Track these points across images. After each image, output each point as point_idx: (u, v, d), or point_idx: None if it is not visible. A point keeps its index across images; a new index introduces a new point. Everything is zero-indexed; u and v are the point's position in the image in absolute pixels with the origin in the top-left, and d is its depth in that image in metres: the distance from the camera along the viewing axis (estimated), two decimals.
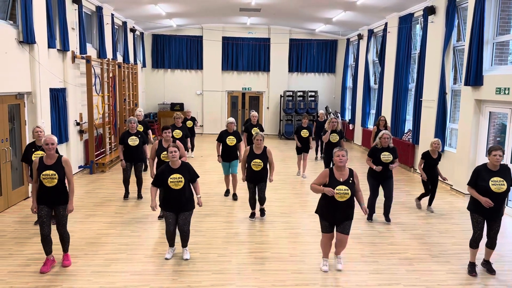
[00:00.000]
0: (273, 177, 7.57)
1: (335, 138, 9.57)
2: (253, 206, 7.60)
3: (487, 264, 5.67)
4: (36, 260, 5.66)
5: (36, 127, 6.72)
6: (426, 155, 7.99)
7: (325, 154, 9.94)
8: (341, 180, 5.22)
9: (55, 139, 5.36)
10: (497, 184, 5.26)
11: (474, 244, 5.58)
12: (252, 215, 7.62)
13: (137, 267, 5.58)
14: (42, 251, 5.53)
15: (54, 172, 5.25)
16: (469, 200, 5.62)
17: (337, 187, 5.15)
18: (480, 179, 5.36)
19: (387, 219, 7.52)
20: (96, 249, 6.13)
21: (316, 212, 5.56)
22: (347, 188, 5.18)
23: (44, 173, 5.23)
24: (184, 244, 5.84)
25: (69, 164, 5.44)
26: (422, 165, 8.03)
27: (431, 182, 8.09)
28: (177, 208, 5.59)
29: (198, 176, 5.75)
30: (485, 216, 5.43)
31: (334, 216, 5.30)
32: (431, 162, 7.97)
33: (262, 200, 7.57)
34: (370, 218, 7.59)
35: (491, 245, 5.55)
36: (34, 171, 5.34)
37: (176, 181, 5.44)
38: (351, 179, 5.28)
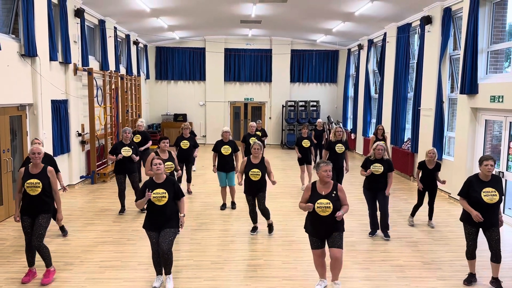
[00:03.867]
0: (273, 186, 7.27)
1: (340, 148, 9.25)
2: (254, 220, 7.35)
3: (496, 283, 5.32)
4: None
5: (35, 139, 6.81)
6: (422, 165, 7.67)
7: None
8: (323, 193, 5.03)
9: (42, 149, 5.45)
10: (489, 195, 5.16)
11: (469, 255, 5.48)
12: (254, 229, 7.36)
13: (130, 274, 5.67)
14: (40, 258, 5.53)
15: (38, 181, 5.29)
16: (462, 211, 5.53)
17: (318, 201, 4.96)
18: (471, 190, 5.26)
19: (386, 235, 7.16)
20: (92, 257, 6.24)
21: (304, 227, 5.35)
22: (328, 201, 4.95)
23: (28, 181, 5.28)
24: (167, 270, 5.23)
25: (54, 174, 5.50)
26: (420, 174, 7.78)
27: (429, 193, 7.77)
28: (159, 226, 5.16)
29: (183, 195, 5.33)
30: (478, 227, 5.33)
31: (320, 231, 5.08)
32: (428, 172, 7.64)
33: (266, 213, 7.20)
34: (373, 233, 7.30)
35: (496, 258, 5.26)
36: (19, 180, 5.40)
37: (159, 196, 5.07)
38: (334, 192, 5.06)
